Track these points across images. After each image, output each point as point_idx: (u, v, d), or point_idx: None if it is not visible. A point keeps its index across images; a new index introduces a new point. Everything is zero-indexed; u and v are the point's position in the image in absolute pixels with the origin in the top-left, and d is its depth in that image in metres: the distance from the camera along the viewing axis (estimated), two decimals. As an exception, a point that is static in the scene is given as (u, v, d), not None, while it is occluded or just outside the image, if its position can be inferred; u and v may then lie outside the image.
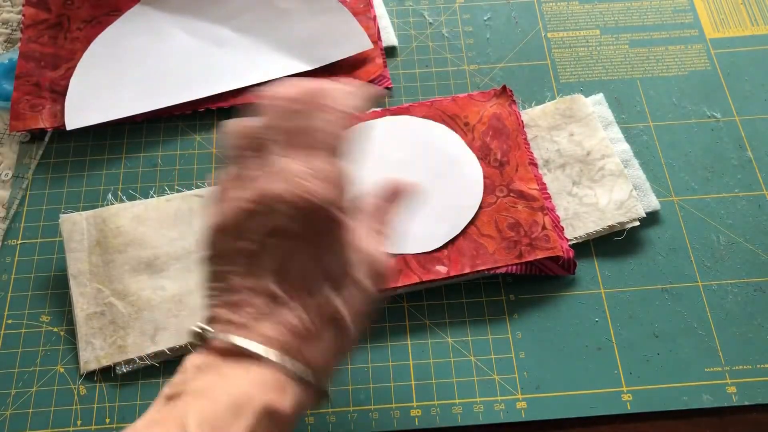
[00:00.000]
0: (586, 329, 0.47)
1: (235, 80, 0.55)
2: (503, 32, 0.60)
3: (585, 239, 0.49)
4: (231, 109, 0.55)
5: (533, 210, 0.48)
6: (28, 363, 0.46)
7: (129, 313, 0.46)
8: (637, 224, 0.49)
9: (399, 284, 0.46)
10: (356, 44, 0.57)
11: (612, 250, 0.50)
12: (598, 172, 0.50)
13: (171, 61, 0.56)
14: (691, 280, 0.49)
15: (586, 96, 0.54)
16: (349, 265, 0.34)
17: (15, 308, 0.48)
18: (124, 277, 0.47)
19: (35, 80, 0.55)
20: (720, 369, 0.46)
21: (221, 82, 0.55)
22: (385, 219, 0.38)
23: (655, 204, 0.50)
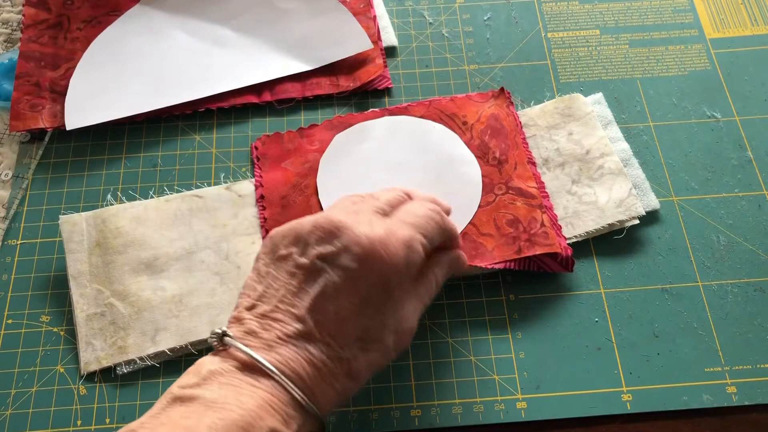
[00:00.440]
0: (586, 329, 0.47)
1: (235, 80, 0.55)
2: (503, 32, 0.60)
3: (585, 237, 0.49)
4: (231, 109, 0.55)
5: (532, 207, 0.48)
6: (28, 363, 0.46)
7: (129, 314, 0.46)
8: (637, 223, 0.49)
9: None
10: (356, 44, 0.57)
11: (612, 250, 0.50)
12: (598, 171, 0.50)
13: (171, 61, 0.56)
14: (691, 280, 0.49)
15: (586, 96, 0.54)
16: (386, 332, 0.35)
17: (15, 308, 0.48)
18: (124, 278, 0.47)
19: (35, 80, 0.55)
20: (720, 369, 0.46)
21: (221, 82, 0.55)
22: (431, 295, 0.39)
23: (655, 203, 0.50)
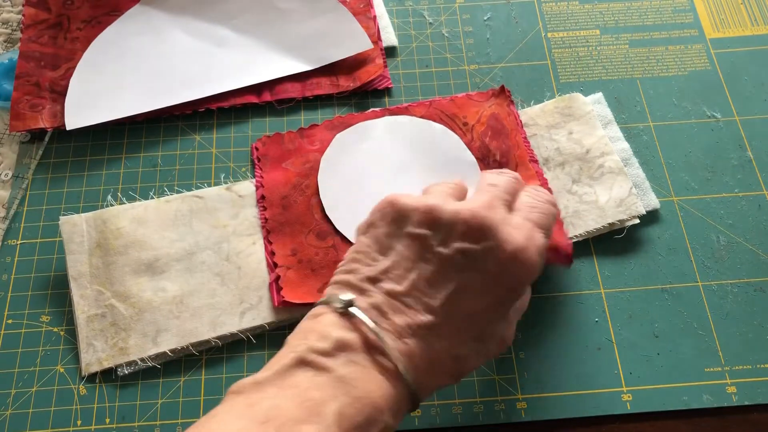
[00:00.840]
0: (586, 329, 0.47)
1: (235, 80, 0.55)
2: (503, 32, 0.59)
3: (585, 237, 0.49)
4: (231, 109, 0.55)
5: None
6: (28, 363, 0.46)
7: (130, 315, 0.46)
8: (637, 222, 0.49)
9: None
10: (356, 44, 0.57)
11: (612, 250, 0.50)
12: (598, 170, 0.50)
13: (171, 61, 0.56)
14: (691, 280, 0.49)
15: (586, 96, 0.54)
16: (496, 337, 0.34)
17: (15, 308, 0.48)
18: (125, 279, 0.47)
19: (35, 80, 0.55)
20: (720, 369, 0.46)
21: (221, 82, 0.55)
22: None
23: (655, 203, 0.50)
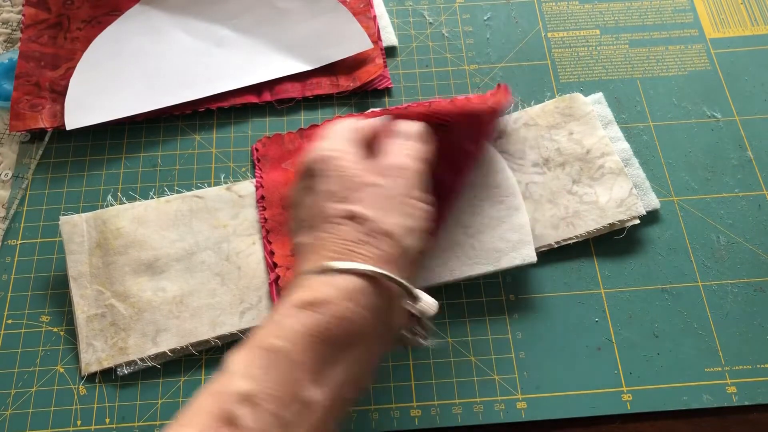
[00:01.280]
0: (586, 329, 0.47)
1: (235, 80, 0.55)
2: (503, 32, 0.59)
3: (585, 237, 0.49)
4: (231, 109, 0.55)
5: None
6: (28, 363, 0.46)
7: (130, 315, 0.46)
8: (638, 222, 0.49)
9: None
10: (356, 44, 0.57)
11: (612, 250, 0.50)
12: (598, 171, 0.50)
13: (171, 61, 0.56)
14: (691, 280, 0.49)
15: (586, 96, 0.54)
16: (424, 200, 0.38)
17: (15, 308, 0.48)
18: (125, 279, 0.47)
19: (35, 80, 0.55)
20: (720, 369, 0.46)
21: (221, 82, 0.55)
22: None
23: (655, 203, 0.50)
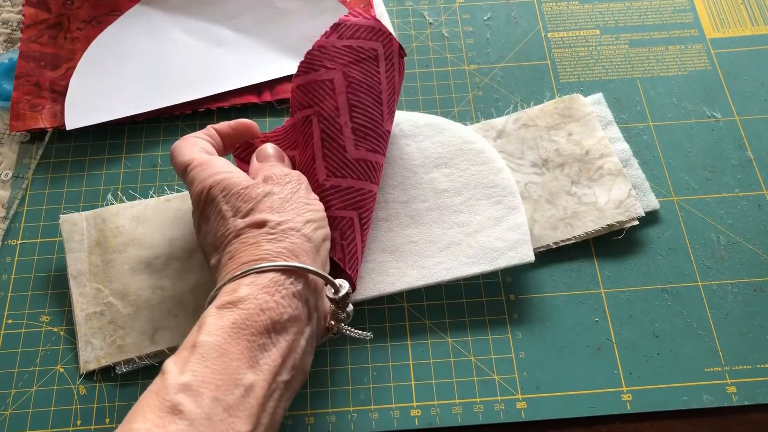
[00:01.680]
0: (586, 329, 0.47)
1: (235, 80, 0.55)
2: (503, 32, 0.60)
3: (584, 238, 0.49)
4: (231, 109, 0.55)
5: None
6: (28, 363, 0.46)
7: (128, 313, 0.46)
8: (636, 224, 0.49)
9: None
10: (356, 44, 0.56)
11: (612, 250, 0.50)
12: (597, 172, 0.50)
13: (171, 61, 0.56)
14: (691, 280, 0.49)
15: (586, 96, 0.54)
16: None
17: (15, 308, 0.48)
18: (124, 277, 0.47)
19: (35, 80, 0.55)
20: (720, 369, 0.46)
21: (221, 82, 0.55)
22: None
23: (655, 203, 0.50)
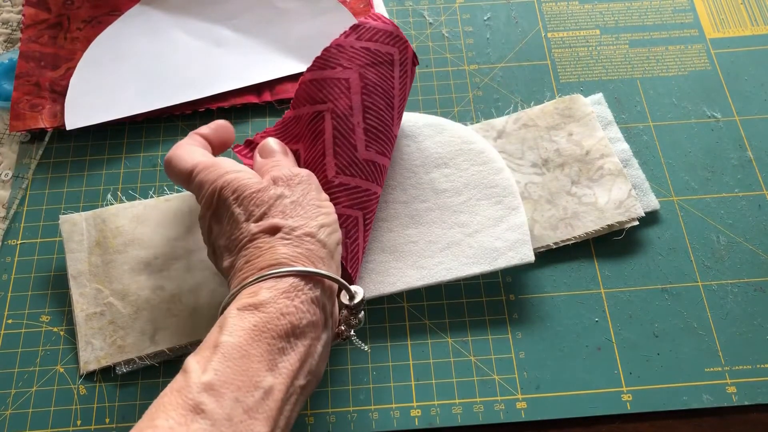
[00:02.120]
0: (586, 329, 0.47)
1: (235, 80, 0.55)
2: (503, 32, 0.60)
3: (584, 238, 0.49)
4: (231, 109, 0.55)
5: None
6: (28, 363, 0.46)
7: (128, 313, 0.46)
8: (636, 224, 0.49)
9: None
10: (356, 44, 0.57)
11: (612, 250, 0.50)
12: (597, 172, 0.50)
13: (171, 61, 0.56)
14: (691, 280, 0.49)
15: (586, 96, 0.54)
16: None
17: (15, 308, 0.48)
18: (124, 278, 0.47)
19: (35, 80, 0.55)
20: (720, 369, 0.46)
21: (221, 82, 0.55)
22: None
23: (655, 204, 0.50)
